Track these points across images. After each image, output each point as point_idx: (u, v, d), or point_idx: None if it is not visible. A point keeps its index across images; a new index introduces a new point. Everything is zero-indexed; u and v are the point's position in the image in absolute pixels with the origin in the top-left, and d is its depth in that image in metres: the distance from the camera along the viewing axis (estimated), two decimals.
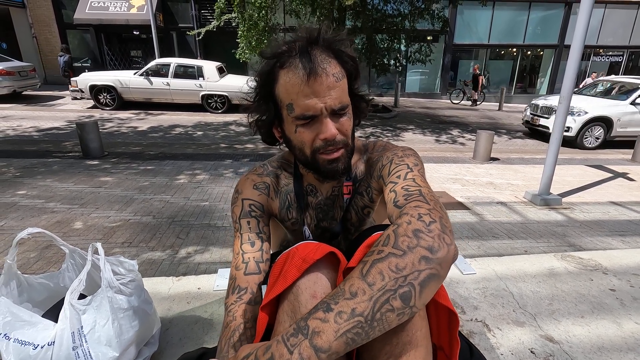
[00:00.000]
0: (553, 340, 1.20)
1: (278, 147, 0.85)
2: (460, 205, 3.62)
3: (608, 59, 15.06)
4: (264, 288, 0.72)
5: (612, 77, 9.31)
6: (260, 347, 0.52)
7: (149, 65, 8.71)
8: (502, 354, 1.14)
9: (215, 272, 1.56)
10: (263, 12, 7.98)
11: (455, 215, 3.37)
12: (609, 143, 7.01)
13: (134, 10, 12.09)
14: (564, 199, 3.87)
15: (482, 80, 12.59)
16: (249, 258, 0.77)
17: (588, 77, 10.94)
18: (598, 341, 1.20)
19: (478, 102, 12.93)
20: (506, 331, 1.24)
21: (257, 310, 0.71)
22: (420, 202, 0.60)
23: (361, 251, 0.62)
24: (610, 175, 5.02)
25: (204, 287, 1.44)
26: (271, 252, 0.85)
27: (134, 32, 12.97)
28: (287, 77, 0.69)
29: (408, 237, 0.53)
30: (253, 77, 0.77)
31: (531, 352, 1.15)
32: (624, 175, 5.05)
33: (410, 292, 0.50)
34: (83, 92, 8.53)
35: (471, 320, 1.30)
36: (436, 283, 0.52)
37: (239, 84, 8.43)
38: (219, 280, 1.48)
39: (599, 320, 1.31)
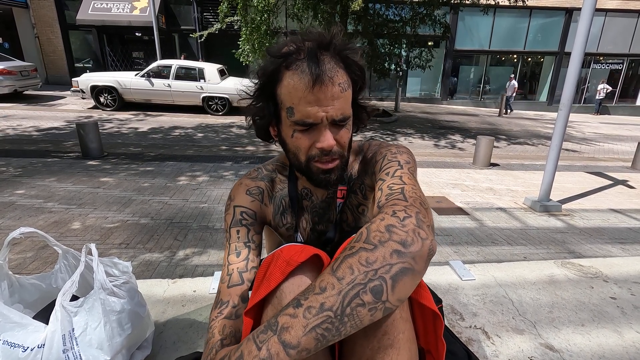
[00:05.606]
0: (553, 349, 1.18)
1: (273, 143, 0.84)
2: (460, 211, 3.61)
3: (608, 66, 15.13)
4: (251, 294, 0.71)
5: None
6: (233, 348, 0.52)
7: (150, 67, 8.72)
8: None
9: (212, 274, 1.54)
10: (265, 15, 8.02)
11: (454, 221, 3.36)
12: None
13: (136, 12, 12.15)
14: (564, 206, 3.85)
15: None
16: (232, 269, 0.75)
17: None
18: (599, 350, 1.19)
19: None
20: (505, 339, 1.22)
21: (237, 325, 0.69)
22: (398, 200, 0.59)
23: (339, 253, 0.60)
24: (610, 182, 5.01)
25: (200, 290, 1.42)
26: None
27: (136, 34, 13.02)
28: (292, 80, 0.67)
29: (380, 232, 0.52)
30: (255, 72, 0.75)
31: None
32: (623, 182, 5.04)
33: (382, 285, 0.49)
34: (84, 92, 8.54)
35: (470, 327, 1.28)
36: (411, 278, 0.50)
37: (239, 86, 8.46)
38: (215, 283, 1.46)
39: (600, 329, 1.29)
